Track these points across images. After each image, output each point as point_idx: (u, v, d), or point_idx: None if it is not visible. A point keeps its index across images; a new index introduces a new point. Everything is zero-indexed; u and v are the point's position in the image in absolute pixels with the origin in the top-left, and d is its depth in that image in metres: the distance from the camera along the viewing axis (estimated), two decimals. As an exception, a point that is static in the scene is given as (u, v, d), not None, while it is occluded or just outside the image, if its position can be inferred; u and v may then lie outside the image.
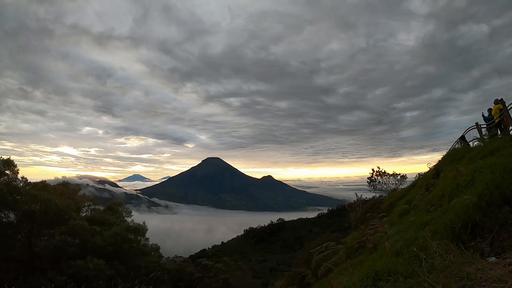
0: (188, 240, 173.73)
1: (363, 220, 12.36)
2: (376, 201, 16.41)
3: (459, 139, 13.64)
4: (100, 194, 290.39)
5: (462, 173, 5.61)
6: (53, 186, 20.22)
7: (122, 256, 17.49)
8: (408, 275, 2.86)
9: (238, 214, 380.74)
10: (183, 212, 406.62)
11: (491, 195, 3.61)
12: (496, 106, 11.34)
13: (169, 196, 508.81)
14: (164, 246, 25.25)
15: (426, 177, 11.32)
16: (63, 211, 16.64)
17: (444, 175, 7.35)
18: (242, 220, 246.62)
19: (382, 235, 6.32)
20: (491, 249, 3.16)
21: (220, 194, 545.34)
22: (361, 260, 5.84)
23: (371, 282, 3.13)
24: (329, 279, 6.59)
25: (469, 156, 7.87)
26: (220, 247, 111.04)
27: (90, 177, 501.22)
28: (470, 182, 4.72)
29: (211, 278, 24.50)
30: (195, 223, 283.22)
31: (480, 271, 2.61)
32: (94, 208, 21.62)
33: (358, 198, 19.60)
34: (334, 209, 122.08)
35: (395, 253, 3.71)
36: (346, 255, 7.91)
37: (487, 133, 11.44)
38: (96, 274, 14.17)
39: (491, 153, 6.63)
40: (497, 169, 4.22)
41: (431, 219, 4.34)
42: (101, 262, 14.75)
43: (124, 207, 23.38)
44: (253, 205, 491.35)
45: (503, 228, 3.29)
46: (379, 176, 21.87)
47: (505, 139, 8.08)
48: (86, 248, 16.11)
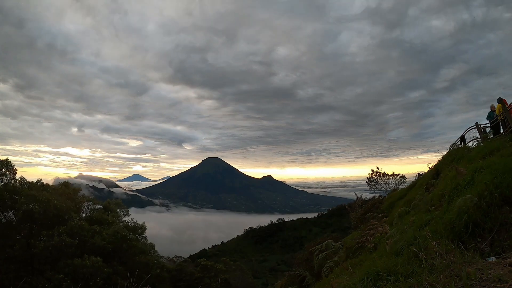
0: (188, 240, 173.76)
1: (363, 220, 12.36)
2: (376, 201, 16.41)
3: (459, 139, 13.63)
4: (100, 194, 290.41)
5: (462, 173, 5.61)
6: (53, 187, 20.24)
7: (122, 255, 17.51)
8: (408, 275, 2.85)
9: (238, 214, 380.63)
10: (183, 212, 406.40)
11: (491, 195, 3.61)
12: (499, 105, 11.32)
13: (169, 196, 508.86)
14: (164, 246, 25.24)
15: (426, 177, 11.32)
16: (62, 212, 16.65)
17: (444, 175, 7.35)
18: (242, 220, 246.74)
19: (382, 235, 6.32)
20: (491, 249, 3.16)
21: (220, 194, 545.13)
22: (361, 260, 5.84)
23: (371, 282, 3.13)
24: (329, 279, 6.58)
25: (469, 156, 7.87)
26: (220, 247, 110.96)
27: (90, 177, 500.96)
28: (470, 182, 4.71)
29: (211, 278, 24.49)
30: (195, 223, 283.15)
31: (480, 271, 2.60)
32: (94, 208, 21.62)
33: (358, 198, 19.59)
34: (334, 209, 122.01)
35: (395, 253, 3.71)
36: (346, 255, 7.91)
37: (491, 130, 11.43)
38: (93, 272, 14.20)
39: (491, 153, 6.63)
40: (497, 169, 4.23)
41: (431, 219, 4.33)
42: (99, 260, 14.76)
43: (122, 206, 23.36)
44: (253, 205, 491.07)
45: (503, 228, 3.29)
46: (378, 176, 21.85)
47: (505, 139, 8.09)
48: (86, 248, 16.11)
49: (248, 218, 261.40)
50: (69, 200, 19.30)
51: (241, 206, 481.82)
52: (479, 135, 11.69)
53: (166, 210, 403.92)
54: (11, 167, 17.03)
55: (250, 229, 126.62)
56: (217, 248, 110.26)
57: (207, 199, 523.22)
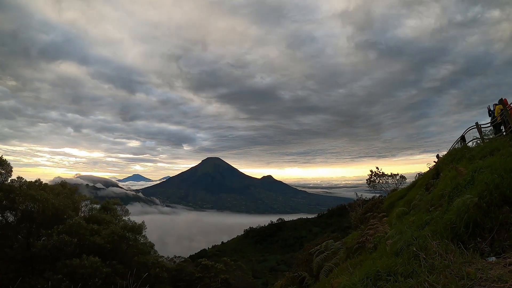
0: (188, 240, 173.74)
1: (363, 220, 12.35)
2: (376, 201, 16.41)
3: (459, 139, 13.63)
4: (100, 194, 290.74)
5: (462, 173, 5.60)
6: (51, 186, 20.19)
7: (121, 254, 17.50)
8: (408, 275, 2.84)
9: (238, 214, 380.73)
10: (183, 212, 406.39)
11: (491, 195, 3.61)
12: (498, 106, 11.29)
13: (169, 196, 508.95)
14: (164, 246, 25.21)
15: (426, 177, 11.31)
16: (61, 211, 16.63)
17: (444, 175, 7.34)
18: (242, 220, 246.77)
19: (382, 235, 6.31)
20: (491, 249, 3.15)
21: (220, 194, 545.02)
22: (361, 260, 5.83)
23: (371, 282, 3.12)
24: (329, 279, 6.58)
25: (469, 156, 7.87)
26: (220, 247, 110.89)
27: (90, 177, 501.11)
28: (470, 182, 4.71)
29: (211, 278, 24.51)
30: (195, 223, 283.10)
31: (480, 271, 2.60)
32: (92, 208, 21.60)
33: (358, 198, 19.59)
34: (334, 209, 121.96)
35: (395, 253, 3.70)
36: (346, 255, 7.90)
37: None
38: (92, 272, 14.18)
39: (491, 153, 6.62)
40: (497, 169, 4.22)
41: (431, 219, 4.32)
42: (97, 260, 14.75)
43: (121, 206, 23.34)
44: (253, 205, 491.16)
45: (503, 228, 3.28)
46: (378, 177, 21.84)
47: (505, 139, 8.08)
48: (84, 247, 16.10)
49: (248, 218, 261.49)
50: (67, 199, 19.27)
51: (241, 206, 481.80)
52: (479, 135, 11.69)
53: (166, 210, 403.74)
54: (6, 166, 16.79)
55: (250, 229, 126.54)
56: (217, 248, 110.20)
57: (207, 199, 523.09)
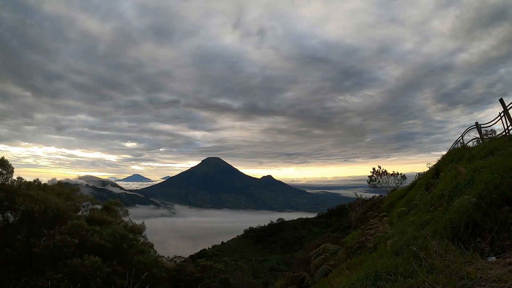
0: (188, 240, 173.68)
1: (363, 220, 12.35)
2: (375, 200, 16.42)
3: (459, 138, 13.63)
4: (100, 194, 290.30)
5: (462, 173, 5.60)
6: (51, 186, 20.18)
7: (121, 254, 17.49)
8: (408, 275, 2.84)
9: (238, 214, 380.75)
10: (183, 212, 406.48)
11: (491, 195, 3.60)
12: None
13: (169, 196, 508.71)
14: (164, 246, 25.25)
15: (425, 177, 11.30)
16: (62, 211, 16.61)
17: (444, 175, 7.33)
18: (242, 220, 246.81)
19: (382, 234, 6.31)
20: (491, 249, 3.15)
21: (220, 194, 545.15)
22: (361, 260, 5.83)
23: (371, 282, 3.12)
24: (329, 279, 6.58)
25: (468, 156, 7.86)
26: (220, 247, 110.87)
27: (91, 177, 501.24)
28: (470, 182, 4.70)
29: (211, 278, 24.51)
30: (195, 223, 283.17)
31: (480, 271, 2.60)
32: (93, 208, 21.60)
33: (358, 197, 19.59)
34: (334, 209, 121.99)
35: (395, 253, 3.70)
36: (346, 254, 7.90)
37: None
38: (93, 272, 14.18)
39: (491, 153, 6.61)
40: (496, 169, 4.21)
41: (431, 219, 4.32)
42: (98, 260, 14.74)
43: (122, 206, 23.34)
44: (253, 204, 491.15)
45: (503, 228, 3.28)
46: (379, 176, 21.88)
47: (505, 138, 8.08)
48: (85, 247, 16.10)
49: (248, 218, 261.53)
50: (68, 199, 19.25)
51: (241, 206, 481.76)
52: (479, 135, 11.70)
53: (166, 210, 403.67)
54: (7, 166, 16.70)
55: (250, 229, 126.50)
56: (217, 248, 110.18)
57: (207, 199, 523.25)
